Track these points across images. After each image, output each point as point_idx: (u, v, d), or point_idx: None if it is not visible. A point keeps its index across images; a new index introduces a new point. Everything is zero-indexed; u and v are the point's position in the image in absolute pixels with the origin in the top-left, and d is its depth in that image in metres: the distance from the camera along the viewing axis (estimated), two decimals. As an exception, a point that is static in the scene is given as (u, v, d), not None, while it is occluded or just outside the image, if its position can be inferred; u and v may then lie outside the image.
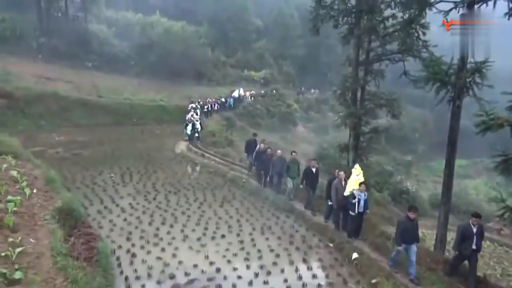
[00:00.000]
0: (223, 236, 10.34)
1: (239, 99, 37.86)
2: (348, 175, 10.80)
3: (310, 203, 12.58)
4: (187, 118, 24.32)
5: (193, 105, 29.05)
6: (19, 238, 6.62)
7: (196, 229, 10.71)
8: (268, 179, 14.52)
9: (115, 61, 37.45)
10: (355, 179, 10.26)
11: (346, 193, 10.37)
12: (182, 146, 22.65)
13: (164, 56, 39.01)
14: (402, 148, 44.84)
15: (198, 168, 18.24)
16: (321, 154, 26.50)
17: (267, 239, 10.38)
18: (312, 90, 53.32)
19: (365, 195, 10.16)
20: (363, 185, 10.09)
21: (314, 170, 12.47)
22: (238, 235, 10.45)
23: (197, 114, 26.25)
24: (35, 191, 9.16)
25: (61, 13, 38.05)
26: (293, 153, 13.63)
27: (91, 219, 10.54)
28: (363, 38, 15.81)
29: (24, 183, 9.19)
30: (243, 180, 15.61)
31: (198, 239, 10.04)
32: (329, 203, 11.44)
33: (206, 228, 10.75)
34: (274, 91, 43.69)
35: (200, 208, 12.45)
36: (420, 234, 10.22)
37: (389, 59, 15.75)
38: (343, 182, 10.81)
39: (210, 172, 17.24)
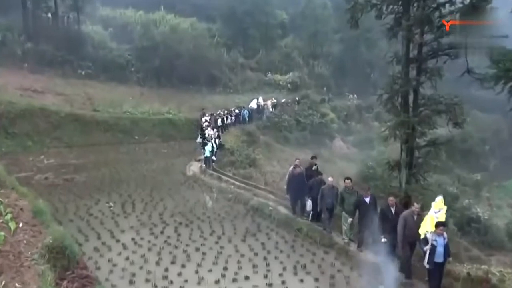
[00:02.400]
0: (246, 277, 10.25)
1: (258, 109, 37.83)
2: (405, 203, 10.44)
3: (363, 242, 11.98)
4: (206, 135, 23.94)
5: (207, 118, 29.30)
6: (3, 282, 6.74)
7: (213, 269, 10.67)
8: (300, 206, 14.33)
9: (113, 67, 38.53)
10: (432, 217, 9.47)
11: (421, 234, 9.60)
12: (194, 168, 22.85)
13: (170, 60, 39.87)
14: (468, 164, 43.65)
15: (214, 194, 18.32)
16: (365, 174, 26.09)
17: (301, 281, 10.23)
18: (350, 96, 53.01)
19: (444, 239, 9.25)
20: (441, 227, 9.17)
21: (368, 199, 11.80)
22: (265, 276, 10.34)
23: (212, 129, 26.14)
24: (21, 225, 9.35)
25: (50, 14, 39.46)
26: (347, 180, 12.70)
27: (87, 258, 10.67)
28: (414, 29, 15.67)
29: (8, 216, 9.39)
30: (270, 208, 15.56)
31: (216, 281, 9.99)
32: (383, 240, 10.86)
33: (225, 268, 10.70)
34: (297, 98, 43.68)
35: (217, 243, 12.43)
36: (497, 274, 9.83)
37: (448, 54, 15.52)
38: (415, 216, 10.11)
39: (229, 199, 17.32)
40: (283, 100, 42.84)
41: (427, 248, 9.18)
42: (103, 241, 12.19)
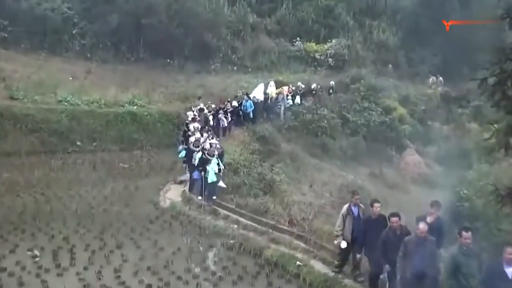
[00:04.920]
0: None
1: (269, 102, 36.89)
2: None
3: None
4: (211, 146, 22.67)
5: (192, 116, 28.96)
6: None
7: None
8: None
9: (43, 29, 38.94)
10: None
11: None
12: (173, 194, 22.92)
13: (136, 18, 40.09)
14: None
15: (206, 238, 18.33)
16: (456, 209, 25.96)
17: None
18: (432, 79, 52.70)
19: None
20: None
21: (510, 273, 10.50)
22: None
23: (209, 135, 25.09)
24: None
25: None
26: (465, 234, 11.51)
27: None
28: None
29: None
30: (298, 262, 15.53)
31: None
32: None
33: None
34: (333, 83, 42.77)
35: (210, 321, 12.45)
36: None
37: None
38: None
39: (231, 247, 17.36)
40: (313, 85, 41.81)
41: None
42: (23, 314, 12.23)
